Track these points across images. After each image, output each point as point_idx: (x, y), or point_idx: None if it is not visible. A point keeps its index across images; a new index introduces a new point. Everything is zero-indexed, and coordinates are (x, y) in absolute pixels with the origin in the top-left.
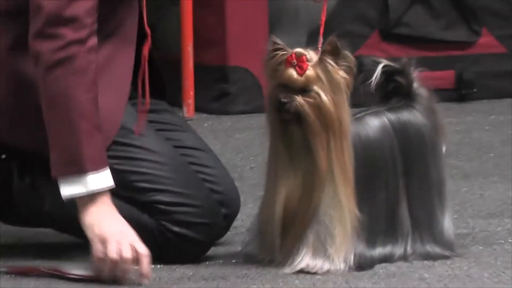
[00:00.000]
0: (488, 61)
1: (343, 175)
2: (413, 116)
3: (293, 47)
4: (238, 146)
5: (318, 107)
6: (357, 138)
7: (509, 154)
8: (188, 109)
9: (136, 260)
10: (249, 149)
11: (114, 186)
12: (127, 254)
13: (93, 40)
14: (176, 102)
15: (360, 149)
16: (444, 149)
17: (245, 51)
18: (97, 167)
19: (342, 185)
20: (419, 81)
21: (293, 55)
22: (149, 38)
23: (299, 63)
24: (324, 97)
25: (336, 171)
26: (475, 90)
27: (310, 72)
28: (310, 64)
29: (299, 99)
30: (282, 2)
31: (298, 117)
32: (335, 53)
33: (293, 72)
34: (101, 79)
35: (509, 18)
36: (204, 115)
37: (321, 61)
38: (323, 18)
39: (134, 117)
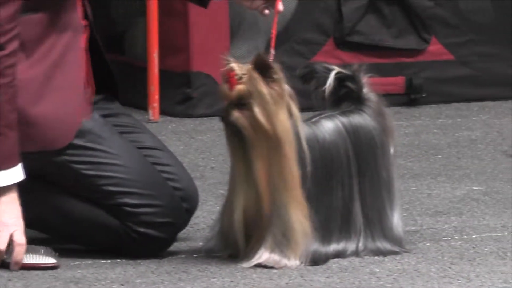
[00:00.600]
0: (436, 67)
1: (286, 183)
2: (363, 119)
3: (251, 55)
4: (200, 147)
5: (253, 119)
6: (314, 140)
7: (456, 156)
8: (154, 112)
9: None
10: (211, 150)
11: (23, 178)
12: (2, 245)
13: (14, 45)
14: (142, 105)
15: (317, 151)
16: (392, 150)
17: (207, 57)
18: (8, 165)
19: (288, 191)
20: (368, 86)
21: (225, 71)
22: (86, 29)
23: (229, 78)
24: (256, 109)
25: (279, 179)
26: (424, 95)
27: (240, 86)
28: (240, 79)
29: (235, 113)
30: (242, 10)
31: (238, 130)
32: (263, 68)
33: (226, 87)
34: (54, 81)
35: (456, 27)
36: (169, 117)
37: (250, 76)
38: (274, 32)
39: (100, 122)
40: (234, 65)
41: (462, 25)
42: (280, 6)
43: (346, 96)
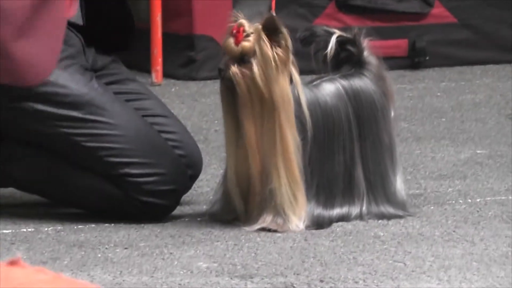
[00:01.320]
0: (439, 30)
1: (276, 148)
2: (363, 83)
3: (255, 18)
4: (204, 110)
5: (250, 79)
6: (316, 103)
7: (459, 119)
8: (157, 75)
9: None
10: (214, 113)
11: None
12: None
13: None
14: (145, 68)
15: (319, 114)
16: (392, 114)
17: (210, 20)
18: None
19: (281, 156)
20: (369, 50)
21: (235, 26)
22: None
23: (236, 33)
24: (255, 69)
25: (270, 143)
26: (427, 58)
27: (246, 43)
28: (248, 36)
29: (234, 68)
30: None
31: (233, 86)
32: (272, 30)
33: (231, 41)
34: (39, 17)
35: None
36: (172, 80)
37: (258, 36)
38: None
39: (100, 92)
40: (243, 21)
41: None
42: None
43: (347, 60)
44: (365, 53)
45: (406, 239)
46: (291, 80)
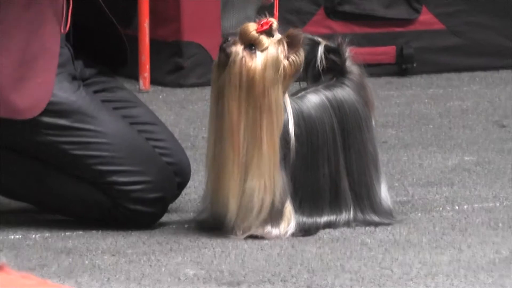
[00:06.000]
0: (427, 37)
1: (262, 146)
2: (346, 93)
3: (241, 25)
4: (191, 117)
5: (249, 66)
6: (300, 116)
7: (447, 126)
8: (144, 82)
9: None
10: (202, 119)
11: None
12: None
13: None
14: (133, 75)
15: (303, 126)
16: (373, 122)
17: (198, 27)
18: None
19: (267, 157)
20: (351, 58)
21: (267, 19)
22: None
23: (264, 24)
24: (258, 62)
25: (253, 134)
26: (415, 64)
27: (265, 36)
28: (270, 31)
29: (238, 47)
30: None
31: (227, 62)
32: (293, 44)
33: (252, 26)
34: (29, 49)
35: None
36: (160, 87)
37: (280, 39)
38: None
39: (88, 101)
40: (276, 22)
41: None
42: None
43: (328, 69)
44: (348, 63)
45: (393, 246)
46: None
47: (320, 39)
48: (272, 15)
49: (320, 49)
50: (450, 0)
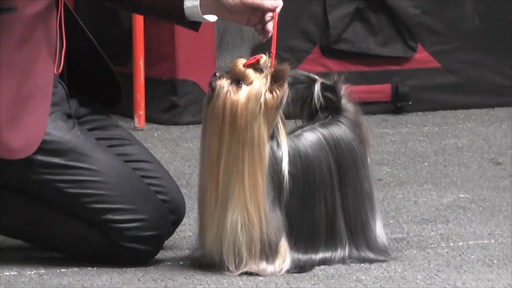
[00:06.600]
0: (422, 75)
1: (244, 181)
2: (342, 130)
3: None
4: (186, 154)
5: (233, 100)
6: (297, 155)
7: (442, 163)
8: (139, 120)
9: None
10: (196, 157)
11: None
12: None
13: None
14: (128, 113)
15: (300, 165)
16: (369, 160)
17: (193, 65)
18: None
19: (248, 191)
20: (347, 96)
21: (257, 55)
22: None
23: (252, 59)
24: (242, 95)
25: (234, 169)
26: (410, 102)
27: (251, 70)
28: (257, 67)
29: (223, 81)
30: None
31: (213, 95)
32: (277, 78)
33: (241, 61)
34: (22, 89)
35: (442, 35)
36: (154, 125)
37: (265, 74)
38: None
39: (82, 139)
40: (265, 57)
41: (448, 33)
42: (270, 26)
43: (325, 106)
44: (343, 100)
45: (388, 282)
46: (272, 136)
47: (316, 77)
48: (266, 53)
49: (317, 87)
50: (445, 39)
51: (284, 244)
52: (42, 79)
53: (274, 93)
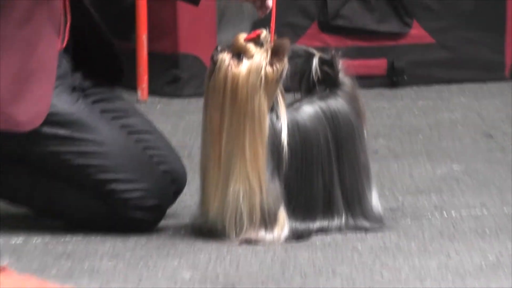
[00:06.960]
0: (417, 51)
1: (245, 153)
2: (339, 104)
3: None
4: (188, 127)
5: (234, 73)
6: (295, 127)
7: (436, 136)
8: (142, 92)
9: None
10: (198, 129)
11: None
12: None
13: None
14: (132, 85)
15: (298, 137)
16: (365, 133)
17: (195, 40)
18: None
19: (250, 163)
20: (344, 70)
21: (257, 30)
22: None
23: (252, 33)
24: (243, 69)
25: (235, 141)
26: (405, 77)
27: (251, 44)
28: (257, 41)
29: (225, 55)
30: None
31: (214, 69)
32: (277, 53)
33: (242, 36)
34: (27, 63)
35: (437, 11)
36: (157, 98)
37: (266, 48)
38: (274, 13)
39: (87, 111)
40: (265, 32)
41: (443, 10)
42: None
43: (321, 80)
44: (341, 75)
45: (384, 251)
46: (272, 109)
47: (314, 51)
48: (266, 28)
49: (315, 61)
50: (440, 15)
51: (282, 213)
52: (47, 54)
53: (274, 67)
